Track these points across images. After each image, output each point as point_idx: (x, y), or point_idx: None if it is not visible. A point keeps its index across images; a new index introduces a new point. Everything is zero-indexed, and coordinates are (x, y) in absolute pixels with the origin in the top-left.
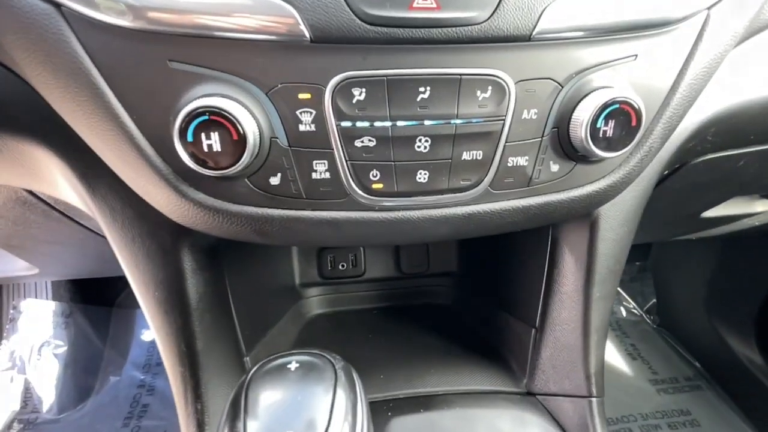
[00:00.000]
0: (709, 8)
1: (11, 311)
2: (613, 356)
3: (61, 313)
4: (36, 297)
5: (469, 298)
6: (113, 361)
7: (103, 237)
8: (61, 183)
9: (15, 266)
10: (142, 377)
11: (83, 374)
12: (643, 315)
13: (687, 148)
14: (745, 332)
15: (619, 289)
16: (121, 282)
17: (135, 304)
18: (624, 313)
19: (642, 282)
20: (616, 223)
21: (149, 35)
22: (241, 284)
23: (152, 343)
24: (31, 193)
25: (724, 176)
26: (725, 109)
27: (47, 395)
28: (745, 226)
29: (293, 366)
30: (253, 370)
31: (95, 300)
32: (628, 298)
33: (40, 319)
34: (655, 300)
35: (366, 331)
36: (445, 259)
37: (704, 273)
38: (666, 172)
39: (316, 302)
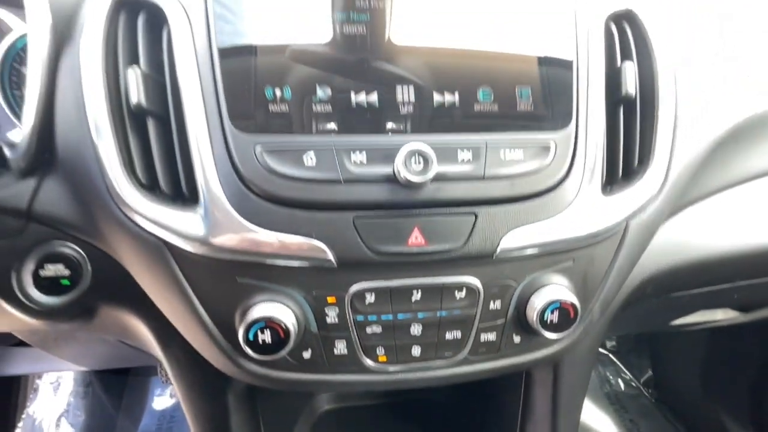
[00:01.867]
0: (627, 219)
1: (36, 381)
2: None
3: (81, 381)
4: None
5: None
6: (125, 429)
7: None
8: (139, 335)
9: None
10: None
11: None
12: (641, 388)
13: (629, 301)
14: (740, 415)
15: (616, 360)
16: None
17: (150, 372)
18: (622, 385)
19: (639, 354)
20: (575, 361)
21: (226, 262)
22: (270, 407)
23: (163, 411)
24: None
25: (674, 305)
26: (657, 271)
27: None
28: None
29: None
30: None
31: (113, 368)
32: (625, 370)
33: (61, 388)
34: (651, 372)
35: (372, 425)
36: None
37: (696, 351)
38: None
39: (325, 397)
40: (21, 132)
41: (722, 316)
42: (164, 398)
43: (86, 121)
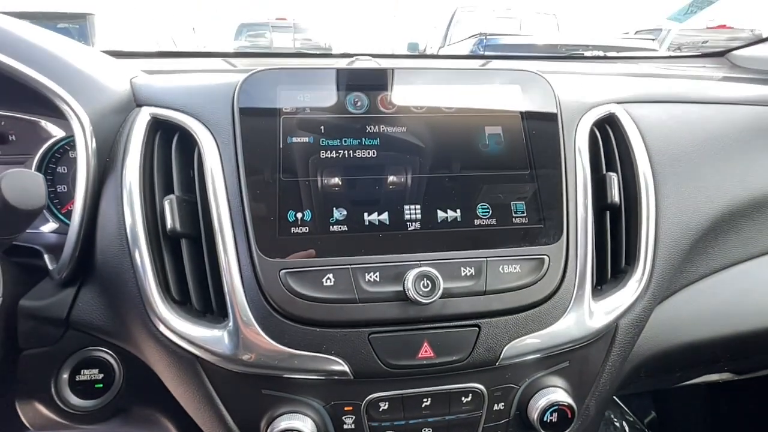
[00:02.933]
0: (617, 319)
1: None
2: None
3: None
4: None
5: None
6: None
7: None
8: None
9: None
10: None
11: None
12: (645, 430)
13: (623, 386)
14: None
15: (620, 403)
16: None
17: None
18: (627, 428)
19: (642, 396)
20: None
21: (253, 375)
22: None
23: None
24: None
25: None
26: (647, 357)
27: None
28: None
29: None
30: None
31: None
32: (630, 413)
33: None
34: (654, 414)
35: None
36: None
37: (697, 396)
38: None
39: None
40: (66, 243)
41: (717, 377)
42: None
43: (125, 240)
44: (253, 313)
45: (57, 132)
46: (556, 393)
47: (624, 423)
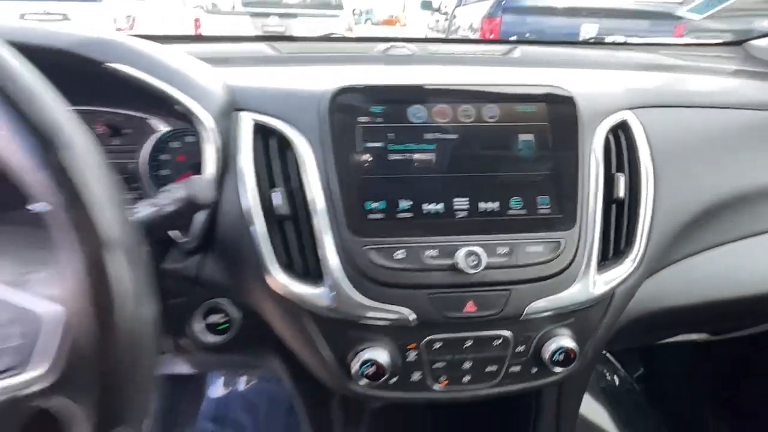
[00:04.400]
0: (614, 288)
1: None
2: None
3: None
4: None
5: None
6: (187, 414)
7: None
8: (272, 364)
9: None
10: (213, 429)
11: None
12: (634, 384)
13: (617, 340)
14: (721, 411)
15: (612, 359)
16: None
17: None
18: (617, 381)
19: (632, 352)
20: (572, 379)
21: (344, 321)
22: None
23: (218, 398)
24: None
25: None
26: (635, 317)
27: None
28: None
29: None
30: None
31: None
32: (620, 368)
33: None
34: (642, 370)
35: (411, 416)
36: None
37: (681, 354)
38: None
39: None
40: (194, 221)
41: (696, 337)
42: (218, 387)
43: (244, 220)
44: (346, 275)
45: (160, 126)
46: (563, 340)
47: (615, 377)
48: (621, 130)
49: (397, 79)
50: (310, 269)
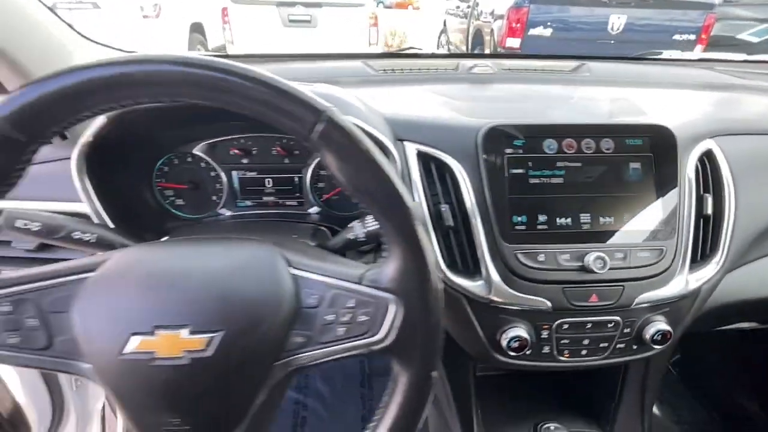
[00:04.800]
0: (701, 285)
1: None
2: None
3: None
4: None
5: None
6: None
7: None
8: None
9: None
10: (296, 396)
11: None
12: (670, 368)
13: (696, 327)
14: (752, 395)
15: None
16: None
17: None
18: None
19: None
20: (659, 355)
21: (497, 307)
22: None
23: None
24: None
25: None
26: (714, 308)
27: None
28: None
29: None
30: None
31: None
32: None
33: None
34: (679, 355)
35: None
36: None
37: (717, 340)
38: None
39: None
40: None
41: (747, 325)
42: None
43: None
44: (498, 273)
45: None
46: (660, 324)
47: None
48: (706, 156)
49: (533, 118)
50: (469, 267)
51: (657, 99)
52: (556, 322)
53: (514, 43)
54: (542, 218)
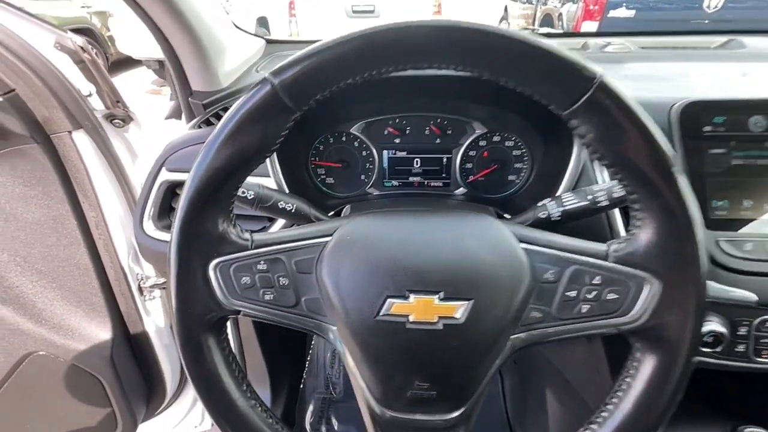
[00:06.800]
0: None
1: None
2: None
3: None
4: None
5: None
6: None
7: None
8: None
9: None
10: None
11: None
12: None
13: None
14: None
15: None
16: None
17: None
18: None
19: None
20: None
21: None
22: None
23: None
24: None
25: None
26: None
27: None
28: None
29: None
30: None
31: None
32: None
33: None
34: None
35: None
36: None
37: None
38: None
39: None
40: None
41: None
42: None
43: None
44: None
45: (476, 129)
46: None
47: None
48: None
49: (735, 93)
50: None
51: None
52: (759, 319)
53: (590, 26)
54: (747, 203)
